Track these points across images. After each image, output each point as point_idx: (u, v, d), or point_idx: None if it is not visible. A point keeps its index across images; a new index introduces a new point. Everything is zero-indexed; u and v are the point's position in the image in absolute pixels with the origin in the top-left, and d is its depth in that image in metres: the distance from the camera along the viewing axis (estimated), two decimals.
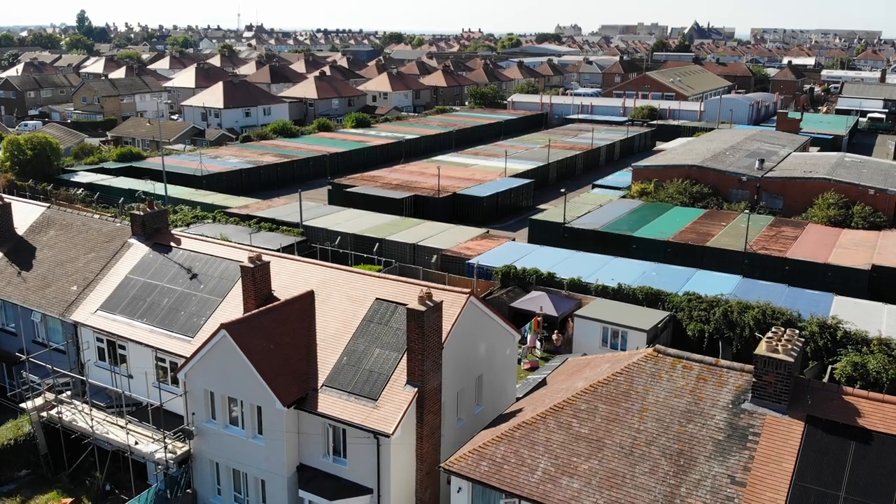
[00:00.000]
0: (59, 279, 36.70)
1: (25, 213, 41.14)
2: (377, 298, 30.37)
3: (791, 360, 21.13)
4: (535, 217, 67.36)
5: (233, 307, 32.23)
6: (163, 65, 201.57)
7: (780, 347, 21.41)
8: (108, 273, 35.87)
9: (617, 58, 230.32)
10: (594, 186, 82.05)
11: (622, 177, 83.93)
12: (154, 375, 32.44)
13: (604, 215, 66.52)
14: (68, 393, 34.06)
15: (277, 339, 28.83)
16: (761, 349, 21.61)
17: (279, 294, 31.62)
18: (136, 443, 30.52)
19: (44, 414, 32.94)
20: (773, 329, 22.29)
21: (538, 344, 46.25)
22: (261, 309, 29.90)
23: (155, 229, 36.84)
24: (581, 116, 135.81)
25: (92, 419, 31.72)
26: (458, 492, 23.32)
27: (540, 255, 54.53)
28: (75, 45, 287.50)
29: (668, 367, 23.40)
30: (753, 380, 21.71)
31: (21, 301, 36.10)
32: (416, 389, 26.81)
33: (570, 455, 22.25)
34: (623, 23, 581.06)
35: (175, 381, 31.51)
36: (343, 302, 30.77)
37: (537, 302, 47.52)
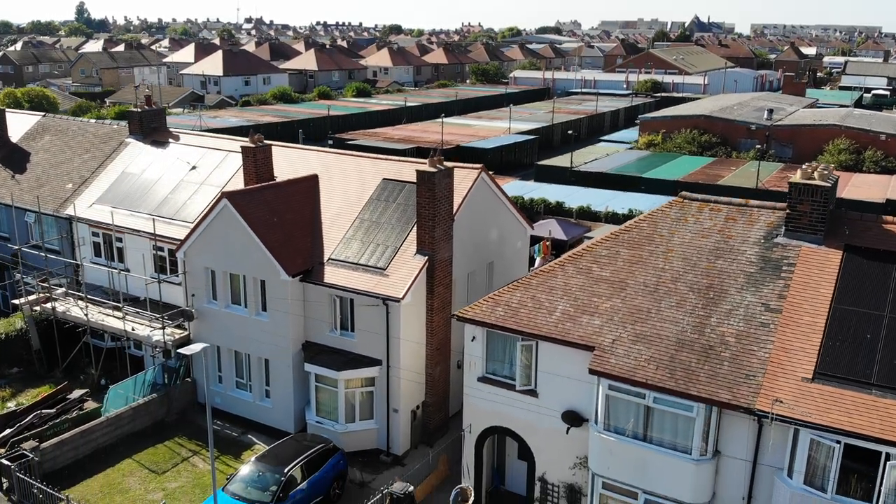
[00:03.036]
0: (53, 179, 35.43)
1: (20, 122, 39.87)
2: (384, 178, 29.14)
3: (828, 185, 19.91)
4: (541, 162, 66.14)
5: None
6: (162, 47, 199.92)
7: (815, 174, 20.19)
8: (104, 170, 34.61)
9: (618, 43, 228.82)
10: (600, 141, 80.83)
11: (629, 133, 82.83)
12: (152, 267, 31.11)
13: (611, 162, 65.35)
14: (62, 290, 32.77)
15: (281, 214, 27.59)
16: (796, 178, 20.40)
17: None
18: (133, 328, 29.25)
19: (37, 308, 31.64)
20: (806, 164, 21.06)
21: None
22: (264, 184, 28.71)
23: (153, 128, 35.58)
24: (584, 90, 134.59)
25: (87, 306, 30.45)
26: (472, 340, 22.03)
27: (547, 189, 53.40)
28: (74, 32, 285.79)
29: (694, 211, 22.16)
30: (787, 211, 20.48)
31: (13, 201, 34.73)
32: (427, 258, 25.59)
33: (591, 296, 21.00)
34: (623, 18, 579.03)
35: (174, 269, 30.24)
36: (348, 183, 29.53)
37: (546, 227, 46.17)
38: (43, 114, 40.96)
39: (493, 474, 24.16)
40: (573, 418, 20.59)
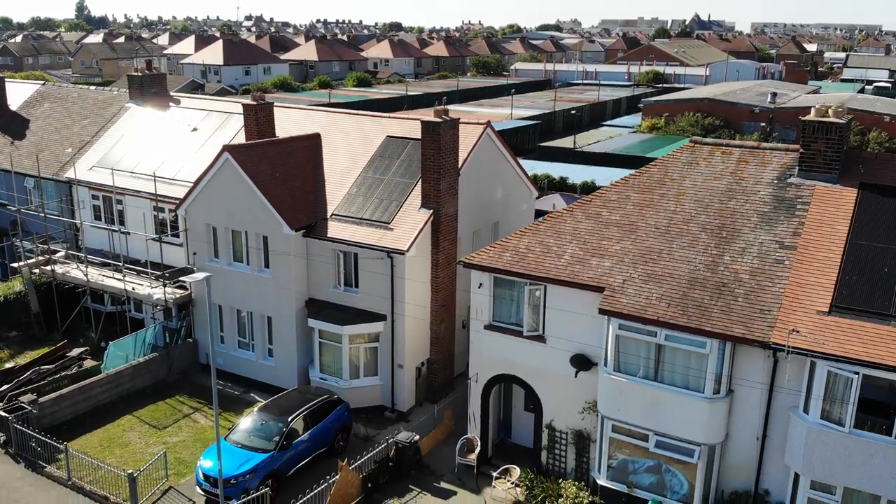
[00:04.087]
0: (52, 144, 35.03)
1: (19, 91, 39.49)
2: (388, 136, 28.76)
3: (842, 122, 19.52)
4: (543, 144, 65.75)
5: None
6: (162, 41, 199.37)
7: (830, 112, 19.81)
8: (104, 134, 34.21)
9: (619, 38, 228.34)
10: (603, 125, 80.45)
11: (632, 119, 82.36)
12: (153, 229, 30.67)
13: (613, 144, 64.90)
14: (62, 254, 32.36)
15: (283, 170, 27.18)
16: (809, 116, 20.02)
17: None
18: (133, 288, 28.85)
19: (36, 270, 31.23)
20: (819, 104, 20.67)
21: None
22: (266, 140, 28.32)
23: (153, 92, 35.17)
24: (586, 81, 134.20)
25: (87, 266, 30.04)
26: (479, 288, 21.62)
27: (551, 165, 53.00)
28: (74, 28, 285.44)
29: (705, 155, 21.82)
30: (800, 150, 20.11)
31: (13, 166, 34.27)
32: (432, 211, 25.19)
33: (600, 239, 20.61)
34: (623, 17, 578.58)
35: (175, 230, 29.85)
36: (351, 142, 29.15)
37: (550, 201, 45.90)
38: (42, 82, 40.54)
39: (499, 427, 23.77)
40: (582, 362, 20.18)
